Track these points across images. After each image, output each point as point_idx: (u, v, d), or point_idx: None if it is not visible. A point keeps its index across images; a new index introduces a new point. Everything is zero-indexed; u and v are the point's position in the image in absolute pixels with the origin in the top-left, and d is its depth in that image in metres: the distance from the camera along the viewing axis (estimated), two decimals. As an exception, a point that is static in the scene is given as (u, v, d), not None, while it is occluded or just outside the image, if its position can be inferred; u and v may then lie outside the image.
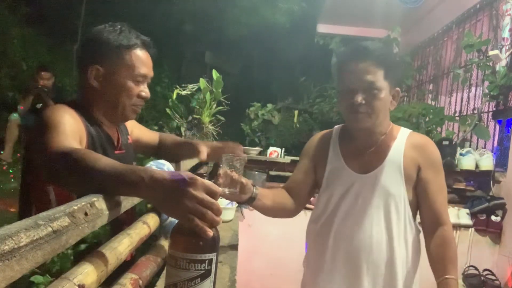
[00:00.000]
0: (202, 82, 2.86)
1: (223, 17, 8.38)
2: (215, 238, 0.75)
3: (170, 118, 3.05)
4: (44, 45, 7.47)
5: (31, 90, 5.13)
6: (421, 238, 1.46)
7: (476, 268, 2.85)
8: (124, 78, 1.23)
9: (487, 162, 3.01)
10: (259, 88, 8.84)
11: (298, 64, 8.65)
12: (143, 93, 1.28)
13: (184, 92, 3.02)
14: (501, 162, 3.07)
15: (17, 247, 0.52)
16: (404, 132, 1.46)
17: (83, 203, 0.72)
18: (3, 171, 5.19)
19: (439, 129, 3.65)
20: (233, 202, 2.06)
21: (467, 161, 3.05)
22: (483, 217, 2.91)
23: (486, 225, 2.91)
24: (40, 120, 1.11)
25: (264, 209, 1.43)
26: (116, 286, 0.94)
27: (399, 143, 1.42)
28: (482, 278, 2.79)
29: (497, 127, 3.33)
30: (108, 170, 0.81)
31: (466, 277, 2.82)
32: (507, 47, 3.23)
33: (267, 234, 3.08)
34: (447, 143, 3.07)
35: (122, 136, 1.37)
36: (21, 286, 0.80)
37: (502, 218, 2.89)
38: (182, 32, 8.75)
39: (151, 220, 1.25)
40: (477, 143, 3.54)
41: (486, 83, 3.28)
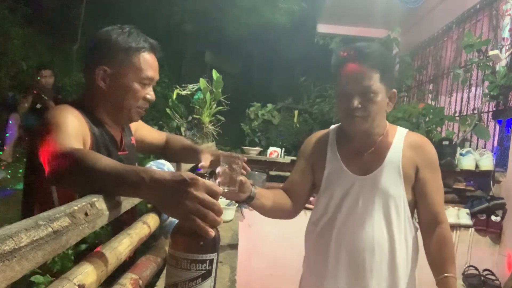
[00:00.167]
0: (202, 82, 2.85)
1: (223, 17, 8.39)
2: (216, 238, 0.75)
3: (170, 118, 3.04)
4: (44, 45, 7.47)
5: (31, 90, 5.14)
6: (418, 235, 1.47)
7: (476, 268, 2.85)
8: (131, 80, 1.23)
9: (487, 162, 3.01)
10: (259, 88, 8.85)
11: (298, 64, 8.66)
12: (149, 95, 1.28)
13: (184, 92, 3.02)
14: (501, 162, 3.07)
15: (17, 247, 0.51)
16: (401, 132, 1.46)
17: (83, 204, 0.72)
18: (3, 171, 5.20)
19: (439, 129, 3.65)
20: (233, 201, 2.07)
21: (467, 161, 3.05)
22: (483, 217, 2.91)
23: (486, 225, 2.91)
24: (43, 120, 1.11)
25: (263, 209, 1.43)
26: (116, 286, 0.95)
27: (397, 143, 1.42)
28: (482, 278, 2.79)
29: (497, 127, 3.34)
30: (108, 170, 0.81)
31: (466, 277, 2.83)
32: (507, 47, 3.23)
33: (267, 234, 3.08)
34: (447, 143, 3.08)
35: (125, 137, 1.37)
36: (21, 286, 0.80)
37: (502, 218, 2.89)
38: (182, 31, 8.76)
39: (151, 220, 1.25)
40: (477, 143, 3.54)
41: (486, 83, 3.28)
